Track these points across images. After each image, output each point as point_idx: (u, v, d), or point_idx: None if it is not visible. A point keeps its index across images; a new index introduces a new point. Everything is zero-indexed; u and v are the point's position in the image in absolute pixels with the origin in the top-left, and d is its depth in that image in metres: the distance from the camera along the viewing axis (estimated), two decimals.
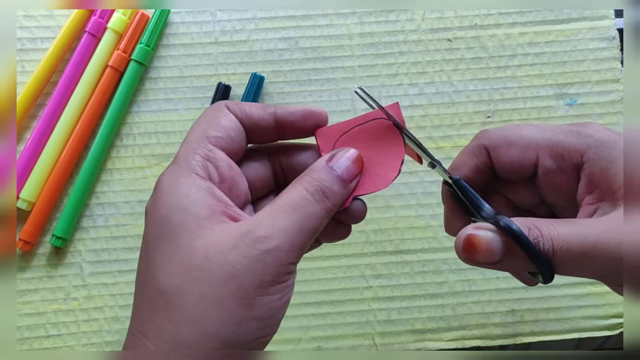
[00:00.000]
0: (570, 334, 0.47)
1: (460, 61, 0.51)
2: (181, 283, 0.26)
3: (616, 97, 0.50)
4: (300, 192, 0.28)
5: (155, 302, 0.26)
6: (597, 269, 0.27)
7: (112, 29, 0.49)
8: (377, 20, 0.51)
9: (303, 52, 0.50)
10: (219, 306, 0.26)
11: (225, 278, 0.26)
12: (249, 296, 0.26)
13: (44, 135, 0.48)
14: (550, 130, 0.31)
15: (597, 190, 0.30)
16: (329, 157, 0.30)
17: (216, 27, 0.51)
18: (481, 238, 0.28)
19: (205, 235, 0.27)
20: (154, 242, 0.27)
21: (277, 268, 0.26)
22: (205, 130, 0.29)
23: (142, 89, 0.50)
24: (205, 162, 0.29)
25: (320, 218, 0.28)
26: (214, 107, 0.31)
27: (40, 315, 0.47)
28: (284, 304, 0.27)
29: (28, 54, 0.50)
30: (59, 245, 0.47)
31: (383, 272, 0.48)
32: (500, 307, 0.48)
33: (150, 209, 0.29)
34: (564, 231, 0.27)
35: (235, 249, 0.26)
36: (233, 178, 0.29)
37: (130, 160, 0.49)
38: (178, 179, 0.28)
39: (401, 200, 0.49)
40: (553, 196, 0.32)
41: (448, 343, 0.47)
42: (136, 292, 0.28)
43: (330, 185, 0.28)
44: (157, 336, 0.26)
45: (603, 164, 0.29)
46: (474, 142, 0.33)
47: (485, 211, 0.31)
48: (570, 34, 0.51)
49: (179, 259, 0.26)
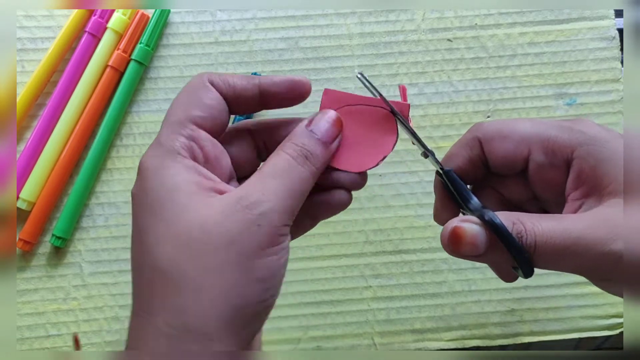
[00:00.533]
0: (570, 334, 0.47)
1: (460, 61, 0.51)
2: (181, 257, 0.26)
3: (616, 97, 0.50)
4: (283, 157, 0.29)
5: (157, 280, 0.26)
6: (577, 264, 0.28)
7: (112, 29, 0.49)
8: (377, 20, 0.51)
9: (303, 52, 0.50)
10: (221, 273, 0.26)
11: (224, 245, 0.26)
12: (249, 259, 0.26)
13: (44, 135, 0.48)
14: (543, 125, 0.31)
15: (585, 186, 0.30)
16: (307, 121, 0.30)
17: (216, 27, 0.51)
18: (466, 231, 0.29)
19: (198, 209, 0.27)
20: (146, 224, 0.28)
21: (272, 229, 0.27)
22: (187, 110, 0.29)
23: (142, 89, 0.50)
24: (189, 142, 0.29)
25: (306, 180, 0.29)
26: (197, 82, 0.30)
27: (40, 315, 0.47)
28: (282, 265, 0.28)
29: (28, 54, 0.50)
30: (59, 245, 0.47)
31: (382, 272, 0.48)
32: (500, 307, 0.48)
33: (136, 192, 0.29)
34: (547, 226, 0.28)
35: (229, 216, 0.26)
36: (217, 156, 0.30)
37: (130, 160, 0.49)
38: (163, 161, 0.28)
39: (401, 200, 0.49)
40: (544, 191, 0.32)
41: (448, 343, 0.47)
42: (134, 275, 0.28)
43: (312, 149, 0.29)
44: (164, 312, 0.26)
45: (592, 161, 0.29)
46: (468, 135, 0.33)
47: (473, 204, 0.31)
48: (570, 34, 0.51)
49: (175, 235, 0.27)
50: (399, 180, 0.49)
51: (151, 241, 0.27)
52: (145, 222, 0.28)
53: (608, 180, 0.29)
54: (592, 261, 0.27)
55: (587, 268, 0.28)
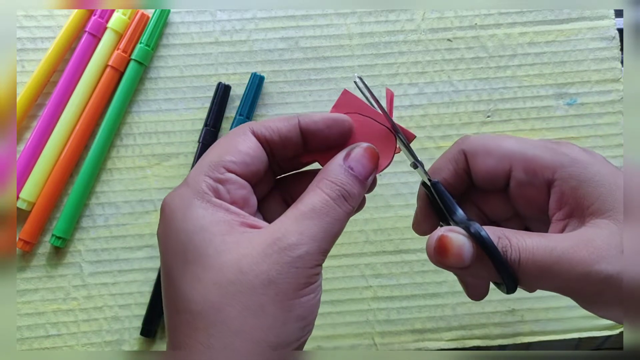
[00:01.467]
0: (570, 334, 0.47)
1: (460, 61, 0.51)
2: (219, 299, 0.26)
3: (616, 97, 0.50)
4: (321, 197, 0.28)
5: (195, 322, 0.27)
6: (560, 283, 0.28)
7: (112, 28, 0.49)
8: (377, 20, 0.51)
9: (303, 52, 0.50)
10: (262, 313, 0.26)
11: (263, 285, 0.26)
12: (288, 298, 0.27)
13: (44, 135, 0.48)
14: (527, 144, 0.32)
15: (567, 207, 0.30)
16: (345, 154, 0.30)
17: (216, 27, 0.51)
18: (453, 241, 0.28)
19: (231, 249, 0.27)
20: (178, 268, 0.28)
21: (308, 270, 0.27)
22: (220, 154, 0.29)
23: (142, 89, 0.50)
24: (215, 184, 0.29)
25: (343, 221, 0.29)
26: (237, 131, 0.30)
27: (40, 315, 0.47)
28: (317, 302, 0.28)
29: (28, 54, 0.50)
30: (59, 245, 0.47)
31: (383, 271, 0.48)
32: (500, 307, 0.48)
33: (163, 235, 0.29)
34: (531, 243, 0.28)
35: (267, 257, 0.27)
36: (245, 197, 0.29)
37: (130, 160, 0.49)
38: (190, 202, 0.28)
39: (401, 200, 0.49)
40: (523, 208, 0.33)
41: (448, 343, 0.47)
42: (169, 318, 0.28)
43: (350, 188, 0.29)
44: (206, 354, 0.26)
45: (574, 182, 0.30)
46: (455, 148, 0.33)
47: (458, 216, 0.31)
48: (570, 34, 0.51)
49: (211, 278, 0.27)
50: (399, 180, 0.49)
51: (186, 286, 0.27)
52: (177, 266, 0.28)
53: (590, 200, 0.29)
54: (574, 281, 0.28)
55: (570, 288, 0.28)
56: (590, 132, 0.50)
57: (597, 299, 0.29)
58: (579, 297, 0.29)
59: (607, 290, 0.27)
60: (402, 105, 0.50)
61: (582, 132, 0.50)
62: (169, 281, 0.28)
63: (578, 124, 0.50)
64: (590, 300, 0.29)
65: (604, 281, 0.27)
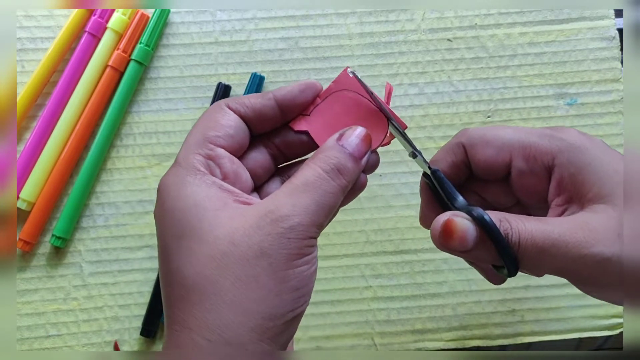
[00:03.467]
0: (571, 334, 0.47)
1: (460, 61, 0.51)
2: (212, 272, 0.27)
3: (616, 97, 0.50)
4: (315, 171, 0.29)
5: (190, 296, 0.27)
6: (556, 265, 0.29)
7: (112, 29, 0.49)
8: (377, 20, 0.51)
9: (303, 52, 0.50)
10: (255, 284, 0.27)
11: (256, 257, 0.27)
12: (281, 269, 0.27)
13: (44, 135, 0.48)
14: (524, 132, 0.32)
15: (566, 193, 0.31)
16: (338, 136, 0.30)
17: (216, 27, 0.51)
18: (458, 224, 0.29)
19: (224, 223, 0.27)
20: (174, 242, 0.28)
21: (301, 242, 0.27)
22: (204, 132, 0.30)
23: (142, 89, 0.50)
24: (206, 160, 0.29)
25: (336, 195, 0.29)
26: (213, 108, 0.31)
27: (40, 315, 0.47)
28: (312, 274, 0.28)
29: (28, 54, 0.50)
30: (59, 245, 0.47)
31: (383, 272, 0.48)
32: (501, 307, 0.48)
33: (158, 213, 0.29)
34: (530, 226, 0.28)
35: (259, 229, 0.27)
36: (236, 172, 0.30)
37: (130, 160, 0.49)
38: (183, 179, 0.29)
39: (401, 200, 0.49)
40: (525, 196, 0.33)
41: (448, 343, 0.47)
42: (165, 294, 0.29)
43: (344, 162, 0.29)
44: (201, 327, 0.26)
45: (572, 168, 0.30)
46: (453, 140, 0.34)
47: (459, 202, 0.31)
48: (570, 34, 0.51)
49: (205, 251, 0.27)
50: (399, 180, 0.49)
51: (181, 261, 0.27)
52: (172, 242, 0.28)
53: (588, 186, 0.29)
54: (570, 263, 0.28)
55: (567, 270, 0.29)
56: (590, 132, 0.49)
57: (592, 281, 0.29)
58: (575, 279, 0.30)
59: (603, 272, 0.28)
60: (402, 105, 0.50)
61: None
62: (164, 257, 0.29)
63: (578, 124, 0.50)
64: (587, 282, 0.30)
65: (599, 263, 0.28)
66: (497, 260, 0.29)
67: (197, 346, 0.26)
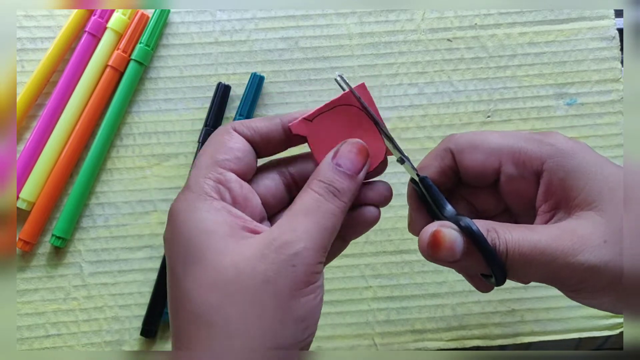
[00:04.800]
0: (571, 334, 0.47)
1: (460, 61, 0.51)
2: (218, 300, 0.27)
3: (616, 97, 0.50)
4: (311, 196, 0.29)
5: (196, 323, 0.27)
6: (545, 273, 0.29)
7: (112, 29, 0.49)
8: (377, 20, 0.51)
9: (303, 52, 0.50)
10: (261, 313, 0.26)
11: (261, 286, 0.26)
12: (286, 299, 0.27)
13: (43, 135, 0.48)
14: (513, 137, 0.32)
15: (554, 199, 0.30)
16: (333, 153, 0.30)
17: (216, 27, 0.51)
18: (445, 235, 0.29)
19: (231, 251, 0.27)
20: (182, 268, 0.28)
21: (306, 268, 0.27)
22: (213, 155, 0.30)
23: (142, 89, 0.50)
24: (217, 185, 0.29)
25: (336, 216, 0.29)
26: (220, 131, 0.31)
27: (40, 315, 0.47)
28: (319, 302, 0.28)
29: (28, 54, 0.50)
30: (59, 245, 0.47)
31: (383, 272, 0.48)
32: (501, 307, 0.48)
33: (169, 238, 0.29)
34: (518, 235, 0.28)
35: (263, 257, 0.27)
36: (245, 196, 0.30)
37: (130, 160, 0.49)
38: (194, 205, 0.29)
39: (401, 200, 0.49)
40: (514, 202, 0.33)
41: (448, 343, 0.47)
42: (173, 315, 0.29)
43: (338, 184, 0.29)
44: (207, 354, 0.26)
45: (561, 173, 0.30)
46: (441, 146, 0.33)
47: (448, 211, 0.31)
48: (570, 34, 0.51)
49: (211, 279, 0.27)
50: (399, 180, 0.49)
51: (188, 286, 0.27)
52: (180, 268, 0.28)
53: (576, 192, 0.29)
54: (558, 271, 0.28)
55: (554, 278, 0.29)
56: (590, 132, 0.50)
57: (581, 288, 0.29)
58: (563, 287, 0.30)
59: (590, 279, 0.28)
60: (402, 105, 0.50)
61: (582, 132, 0.50)
62: (173, 281, 0.29)
63: (578, 124, 0.50)
64: (575, 289, 0.30)
65: (587, 271, 0.28)
66: (485, 269, 0.29)
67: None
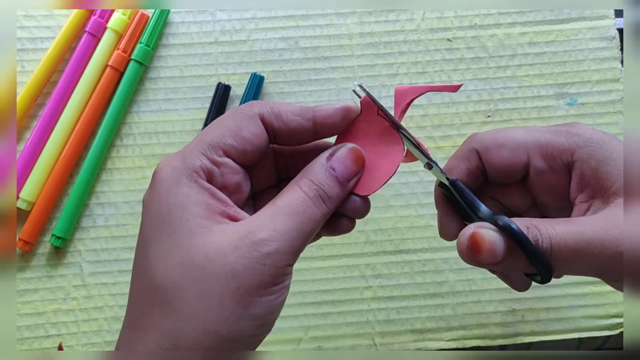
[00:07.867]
0: (571, 334, 0.47)
1: (460, 61, 0.51)
2: (180, 280, 0.26)
3: (616, 97, 0.50)
4: (299, 196, 0.28)
5: (153, 297, 0.27)
6: (593, 265, 0.28)
7: (112, 28, 0.49)
8: (377, 20, 0.51)
9: (303, 52, 0.50)
10: (219, 304, 0.26)
11: (226, 277, 0.26)
12: (249, 295, 0.26)
13: (44, 135, 0.48)
14: (538, 131, 0.31)
15: (589, 189, 0.30)
16: (329, 154, 0.29)
17: (216, 27, 0.51)
18: (485, 237, 0.28)
19: (204, 234, 0.27)
20: (153, 236, 0.28)
21: (276, 270, 0.27)
22: (222, 133, 0.29)
23: (142, 89, 0.50)
24: (211, 165, 0.28)
25: (318, 222, 0.28)
26: (245, 110, 0.29)
27: (40, 315, 0.47)
28: (280, 304, 0.28)
29: (28, 54, 0.50)
30: (59, 245, 0.47)
31: (383, 272, 0.48)
32: (501, 307, 0.48)
33: (148, 201, 0.29)
34: (561, 229, 0.28)
35: (236, 249, 0.26)
36: (237, 184, 0.29)
37: (130, 160, 0.49)
38: (180, 177, 0.28)
39: (401, 200, 0.49)
40: (545, 196, 0.32)
41: (448, 343, 0.47)
42: (132, 284, 0.28)
43: (329, 190, 0.29)
44: (157, 332, 0.26)
45: (593, 162, 0.30)
46: (465, 146, 0.33)
47: (483, 212, 0.31)
48: (570, 33, 0.51)
49: (178, 256, 0.27)
50: (399, 180, 0.49)
51: (155, 256, 0.27)
52: (152, 235, 0.28)
53: (611, 180, 0.29)
54: (605, 262, 0.27)
55: (602, 269, 0.28)
56: None
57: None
58: (610, 278, 0.29)
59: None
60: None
61: None
62: (141, 246, 0.28)
63: None
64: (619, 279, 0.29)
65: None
66: (529, 268, 0.28)
67: (149, 351, 0.26)
